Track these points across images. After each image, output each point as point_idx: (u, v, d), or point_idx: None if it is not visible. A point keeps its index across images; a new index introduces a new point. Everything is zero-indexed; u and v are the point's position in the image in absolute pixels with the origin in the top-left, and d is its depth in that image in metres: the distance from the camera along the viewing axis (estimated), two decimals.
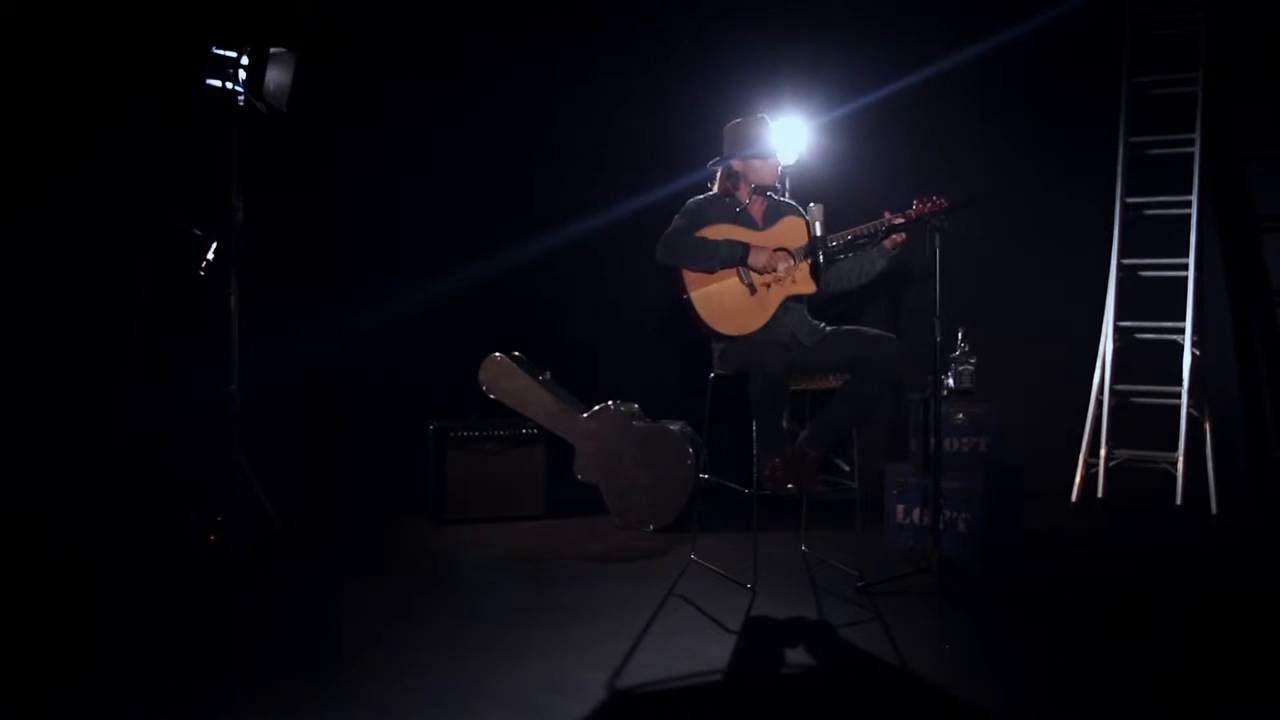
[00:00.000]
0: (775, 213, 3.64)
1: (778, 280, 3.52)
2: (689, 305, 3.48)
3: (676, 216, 3.58)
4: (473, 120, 5.72)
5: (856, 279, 3.66)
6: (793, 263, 3.53)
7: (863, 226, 3.53)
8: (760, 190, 3.61)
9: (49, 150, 4.48)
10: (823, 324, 3.62)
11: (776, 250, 3.52)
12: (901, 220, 3.51)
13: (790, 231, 3.57)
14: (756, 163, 3.58)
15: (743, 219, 3.60)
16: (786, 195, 3.89)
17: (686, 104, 6.08)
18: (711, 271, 3.48)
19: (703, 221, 3.54)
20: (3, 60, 4.32)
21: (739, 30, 5.96)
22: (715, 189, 3.68)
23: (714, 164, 3.67)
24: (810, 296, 3.61)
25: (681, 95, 6.07)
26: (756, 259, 3.46)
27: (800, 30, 5.82)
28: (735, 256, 3.46)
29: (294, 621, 3.12)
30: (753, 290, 3.51)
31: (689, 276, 3.48)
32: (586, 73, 5.89)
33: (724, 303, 3.49)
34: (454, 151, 5.72)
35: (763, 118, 3.63)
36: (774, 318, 3.50)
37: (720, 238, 3.49)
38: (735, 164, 3.61)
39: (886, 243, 3.58)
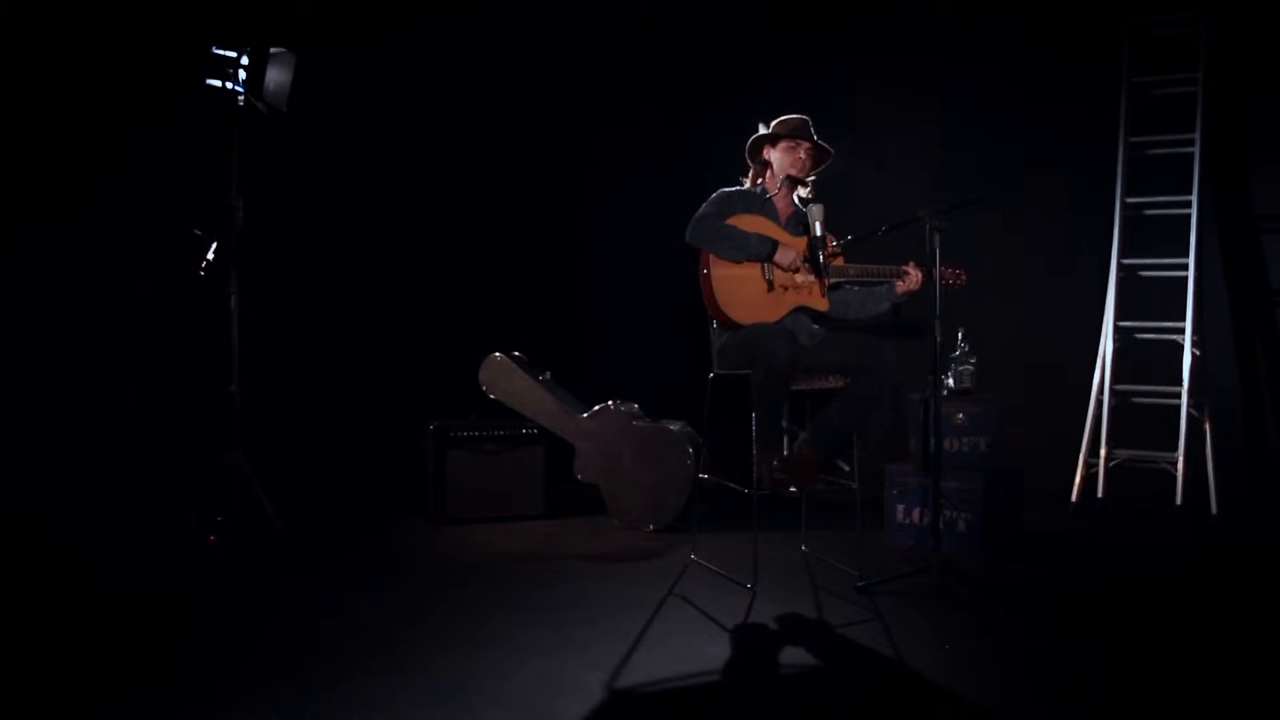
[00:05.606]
0: (799, 221, 3.67)
1: (795, 286, 3.55)
2: (707, 281, 3.50)
3: (705, 203, 3.62)
4: (472, 120, 5.73)
5: (857, 311, 3.71)
6: (812, 277, 3.58)
7: (878, 267, 3.61)
8: (790, 181, 3.64)
9: (48, 151, 4.47)
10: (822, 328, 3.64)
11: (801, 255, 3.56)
12: (912, 276, 3.60)
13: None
14: (784, 146, 3.62)
15: (768, 210, 3.63)
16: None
17: (684, 102, 6.08)
18: (738, 261, 3.51)
19: (730, 211, 3.58)
20: (1, 61, 4.32)
21: (738, 27, 5.96)
22: (747, 183, 3.73)
23: (751, 141, 3.70)
24: (820, 314, 3.64)
25: (679, 94, 6.07)
26: (783, 256, 3.51)
27: (800, 28, 5.82)
28: (764, 251, 3.51)
29: (294, 621, 3.12)
30: (771, 288, 3.54)
31: (715, 256, 3.52)
32: (585, 72, 5.89)
33: (741, 290, 3.52)
34: (453, 151, 5.72)
35: (805, 118, 3.66)
36: (780, 320, 3.54)
37: (748, 229, 3.52)
38: (766, 149, 3.66)
39: (898, 286, 3.63)
